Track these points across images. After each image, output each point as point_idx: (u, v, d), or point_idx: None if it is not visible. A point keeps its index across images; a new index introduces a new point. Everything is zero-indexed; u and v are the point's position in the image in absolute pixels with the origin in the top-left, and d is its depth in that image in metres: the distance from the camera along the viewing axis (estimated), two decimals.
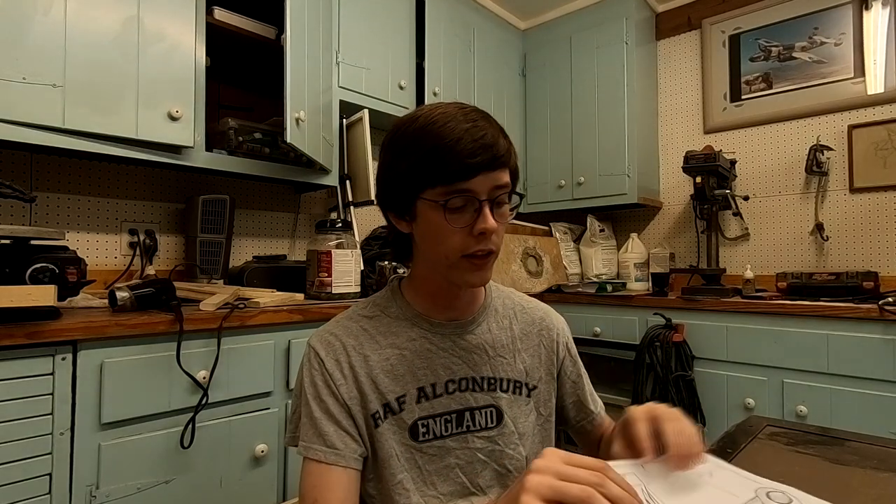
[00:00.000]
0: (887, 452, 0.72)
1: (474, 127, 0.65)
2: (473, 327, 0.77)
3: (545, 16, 2.78)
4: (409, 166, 0.67)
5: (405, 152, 0.68)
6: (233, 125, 1.67)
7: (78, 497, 1.03)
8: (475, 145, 0.63)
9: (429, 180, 0.65)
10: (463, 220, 0.65)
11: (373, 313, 0.77)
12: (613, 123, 2.49)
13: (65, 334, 1.01)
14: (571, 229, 2.79)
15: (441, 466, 0.72)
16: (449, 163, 0.63)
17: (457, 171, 0.63)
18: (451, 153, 0.63)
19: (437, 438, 0.72)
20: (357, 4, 1.98)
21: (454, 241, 0.66)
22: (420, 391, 0.72)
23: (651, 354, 1.94)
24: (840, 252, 2.18)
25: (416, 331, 0.75)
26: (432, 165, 0.64)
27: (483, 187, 0.65)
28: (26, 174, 1.50)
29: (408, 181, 0.67)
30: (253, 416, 1.29)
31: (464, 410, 0.74)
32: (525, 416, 0.78)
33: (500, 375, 0.77)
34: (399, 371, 0.72)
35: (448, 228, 0.66)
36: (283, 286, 1.62)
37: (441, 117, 0.66)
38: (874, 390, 1.61)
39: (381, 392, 0.71)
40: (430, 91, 2.24)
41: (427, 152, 0.65)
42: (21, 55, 1.19)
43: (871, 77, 2.12)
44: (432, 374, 0.73)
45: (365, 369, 0.72)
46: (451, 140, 0.63)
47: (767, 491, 0.56)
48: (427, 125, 0.66)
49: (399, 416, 0.71)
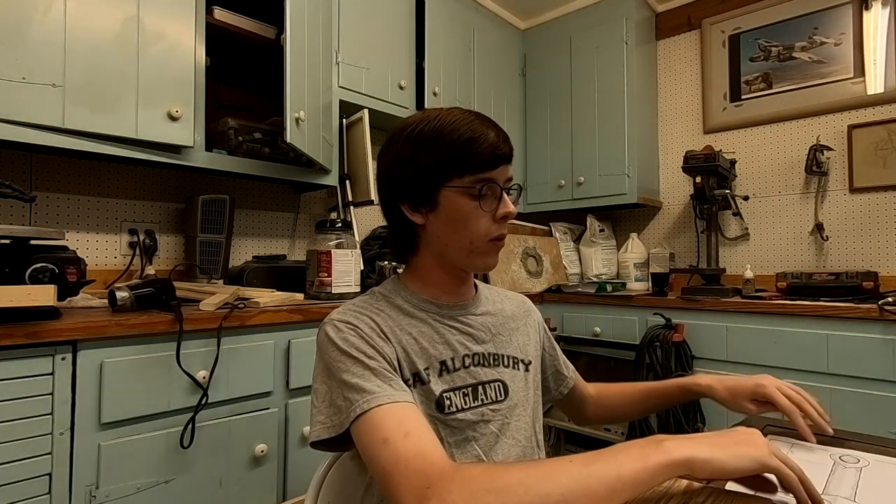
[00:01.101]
0: (887, 452, 0.72)
1: (493, 125, 0.75)
2: (474, 309, 0.82)
3: (545, 16, 2.78)
4: (436, 158, 0.73)
5: (429, 146, 0.74)
6: (233, 125, 1.67)
7: (77, 497, 1.03)
8: (499, 140, 0.74)
9: (459, 170, 0.73)
10: (489, 205, 0.74)
11: (379, 301, 0.79)
12: (613, 123, 2.49)
13: (64, 334, 1.01)
14: (571, 229, 2.79)
15: (460, 439, 0.74)
16: (482, 153, 0.72)
17: (488, 160, 0.73)
18: (483, 145, 0.72)
19: (460, 411, 0.74)
20: (357, 4, 1.98)
21: (481, 225, 0.74)
22: (442, 364, 0.75)
23: (651, 354, 1.94)
24: (840, 252, 2.18)
25: (425, 315, 0.78)
26: (465, 156, 0.72)
27: (501, 177, 0.75)
28: (26, 174, 1.50)
29: (432, 172, 0.74)
30: (253, 416, 1.29)
31: (477, 384, 0.77)
32: (524, 391, 0.83)
33: (502, 352, 0.82)
34: (422, 345, 0.75)
35: (476, 213, 0.73)
36: (282, 286, 1.62)
37: (463, 116, 0.75)
38: (874, 390, 1.61)
39: (412, 361, 0.73)
40: (429, 91, 2.24)
41: (460, 144, 0.72)
42: (21, 55, 1.19)
43: (871, 77, 2.12)
44: (450, 349, 0.77)
45: (395, 338, 0.73)
46: (482, 134, 0.73)
47: (840, 455, 0.71)
48: (452, 122, 0.74)
49: (427, 386, 0.73)
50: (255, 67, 1.91)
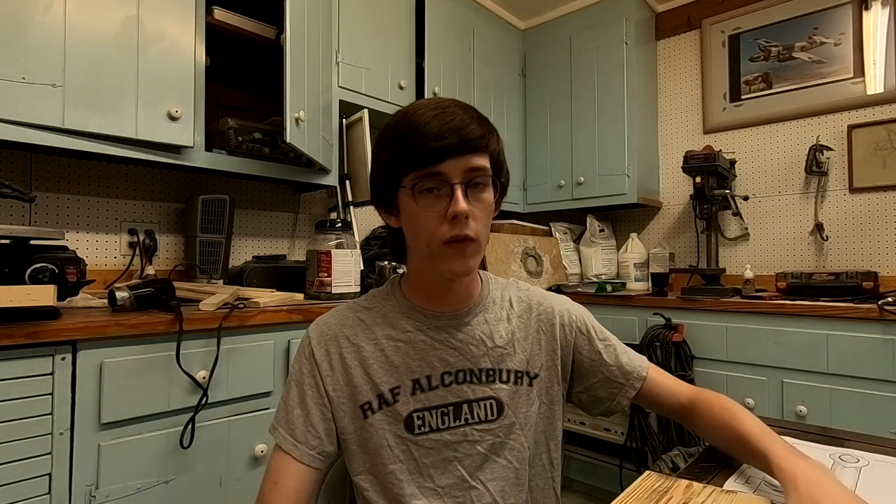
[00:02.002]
0: (887, 452, 0.72)
1: (443, 112, 0.66)
2: (469, 318, 0.76)
3: (545, 16, 2.78)
4: (388, 157, 0.69)
5: (385, 145, 0.70)
6: (232, 125, 1.67)
7: (77, 497, 1.03)
8: (442, 128, 0.65)
9: (403, 168, 0.67)
10: (437, 205, 0.66)
11: (371, 305, 0.79)
12: (613, 123, 2.49)
13: (64, 334, 1.01)
14: (571, 229, 2.79)
15: (438, 459, 0.72)
16: (416, 146, 0.65)
17: (424, 154, 0.65)
18: (418, 137, 0.65)
19: (434, 431, 0.72)
20: (357, 4, 1.98)
21: (431, 227, 0.67)
22: (415, 383, 0.72)
23: (651, 354, 1.94)
24: (840, 252, 2.18)
25: (411, 323, 0.75)
26: (404, 152, 0.66)
27: (454, 171, 0.65)
28: (26, 174, 1.50)
29: (388, 173, 0.70)
30: (253, 416, 1.29)
31: (461, 403, 0.73)
32: (527, 406, 0.77)
33: (500, 367, 0.76)
34: (394, 362, 0.73)
35: (423, 215, 0.67)
36: (282, 286, 1.62)
37: (413, 107, 0.69)
38: (874, 390, 1.61)
39: (374, 383, 0.72)
40: (429, 91, 2.24)
41: (398, 139, 0.67)
42: (21, 55, 1.19)
43: (871, 77, 2.12)
44: (427, 366, 0.73)
45: (358, 360, 0.73)
46: (419, 125, 0.65)
47: (840, 455, 0.70)
48: (401, 116, 0.69)
49: (393, 407, 0.72)
50: (255, 67, 1.91)
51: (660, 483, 0.61)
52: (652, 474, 0.63)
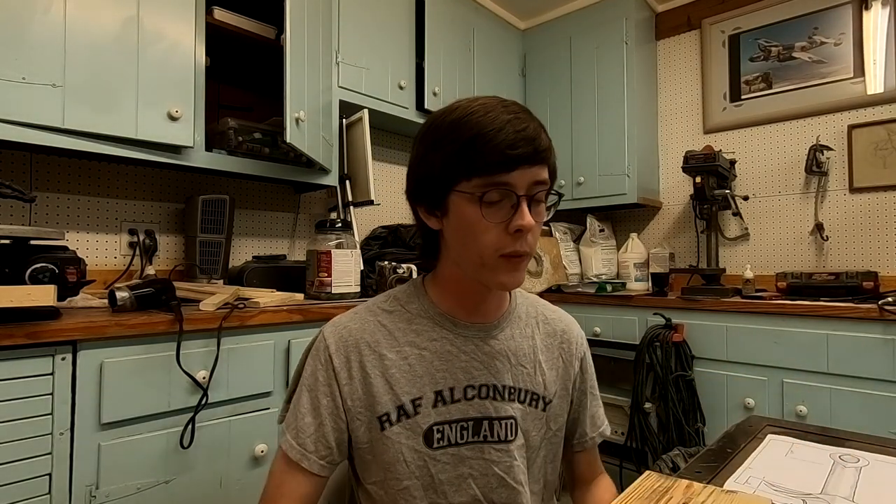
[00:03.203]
0: (887, 452, 0.72)
1: (516, 118, 0.62)
2: (497, 332, 0.73)
3: (545, 16, 2.78)
4: (445, 157, 0.64)
5: (440, 143, 0.65)
6: (233, 125, 1.67)
7: (78, 497, 1.03)
8: (517, 136, 0.61)
9: (465, 171, 0.62)
10: (499, 215, 0.63)
11: (392, 308, 0.74)
12: (613, 123, 2.49)
13: (65, 334, 1.01)
14: (571, 229, 2.79)
15: (454, 476, 0.69)
16: (488, 153, 0.61)
17: (497, 162, 0.61)
18: (491, 143, 0.61)
19: (452, 446, 0.69)
20: (357, 4, 1.98)
21: (489, 237, 0.63)
22: (437, 395, 0.69)
23: (651, 354, 1.94)
24: (840, 252, 2.18)
25: (438, 331, 0.71)
26: (470, 156, 0.62)
27: (522, 182, 0.62)
28: (26, 174, 1.50)
29: (442, 173, 0.64)
30: (253, 417, 1.29)
31: (482, 419, 0.70)
32: (536, 430, 0.75)
33: (520, 386, 0.73)
34: (417, 372, 0.69)
35: (483, 224, 0.63)
36: (282, 286, 1.62)
37: (480, 108, 0.63)
38: (874, 390, 1.61)
39: (395, 393, 0.69)
40: (429, 91, 2.24)
41: (465, 142, 0.62)
42: (21, 55, 1.19)
43: (871, 77, 2.12)
44: (451, 377, 0.70)
45: (379, 369, 0.69)
46: (493, 130, 0.61)
47: (840, 454, 0.70)
48: (466, 115, 0.63)
49: (413, 419, 0.68)
50: (255, 67, 1.90)
51: (660, 483, 0.61)
52: (652, 474, 0.63)
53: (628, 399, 2.02)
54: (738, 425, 0.85)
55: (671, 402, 1.90)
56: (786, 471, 0.66)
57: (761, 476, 0.65)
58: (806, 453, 0.72)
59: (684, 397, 1.90)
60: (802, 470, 0.66)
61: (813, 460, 0.69)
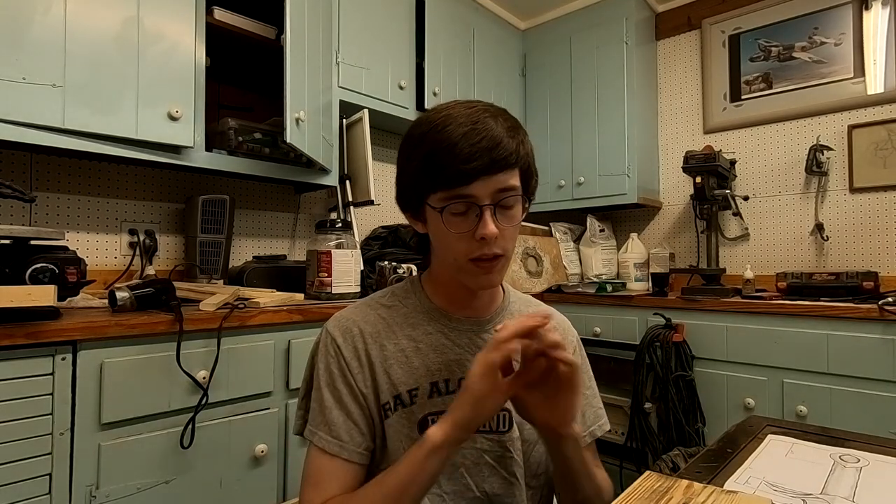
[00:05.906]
0: (887, 452, 0.72)
1: (473, 130, 0.63)
2: (490, 327, 0.76)
3: (545, 16, 2.78)
4: (414, 171, 0.67)
5: (410, 157, 0.68)
6: (233, 125, 1.67)
7: (78, 497, 1.03)
8: (472, 149, 0.62)
9: (430, 186, 0.65)
10: (465, 225, 0.65)
11: (391, 303, 0.77)
12: (613, 123, 2.49)
13: (65, 334, 1.01)
14: (571, 229, 2.79)
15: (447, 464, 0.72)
16: (445, 167, 0.63)
17: (453, 176, 0.63)
18: (446, 158, 0.62)
19: None
20: (357, 4, 1.98)
21: (460, 245, 0.66)
22: (433, 386, 0.72)
23: (651, 354, 1.94)
24: (840, 252, 2.18)
25: (433, 325, 0.74)
26: (431, 171, 0.64)
27: (484, 192, 0.63)
28: (26, 174, 1.50)
29: (414, 186, 0.68)
30: (253, 417, 1.29)
31: None
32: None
33: None
34: (414, 363, 0.72)
35: (451, 233, 0.66)
36: (283, 286, 1.62)
37: (442, 120, 0.65)
38: (874, 390, 1.61)
39: (393, 383, 0.71)
40: (429, 91, 2.24)
41: (425, 158, 0.65)
42: (21, 55, 1.19)
43: (871, 77, 2.12)
44: (446, 369, 0.72)
45: (380, 359, 0.72)
46: (448, 145, 0.62)
47: (840, 455, 0.70)
48: (429, 129, 0.65)
49: (409, 409, 0.71)
50: (255, 67, 1.90)
51: (660, 483, 0.61)
52: (652, 474, 0.63)
53: (628, 399, 2.02)
54: (738, 425, 0.85)
55: (671, 402, 1.90)
56: (786, 471, 0.66)
57: (761, 476, 0.65)
58: (806, 453, 0.72)
59: (684, 397, 1.90)
60: (802, 470, 0.66)
61: (813, 460, 0.69)
